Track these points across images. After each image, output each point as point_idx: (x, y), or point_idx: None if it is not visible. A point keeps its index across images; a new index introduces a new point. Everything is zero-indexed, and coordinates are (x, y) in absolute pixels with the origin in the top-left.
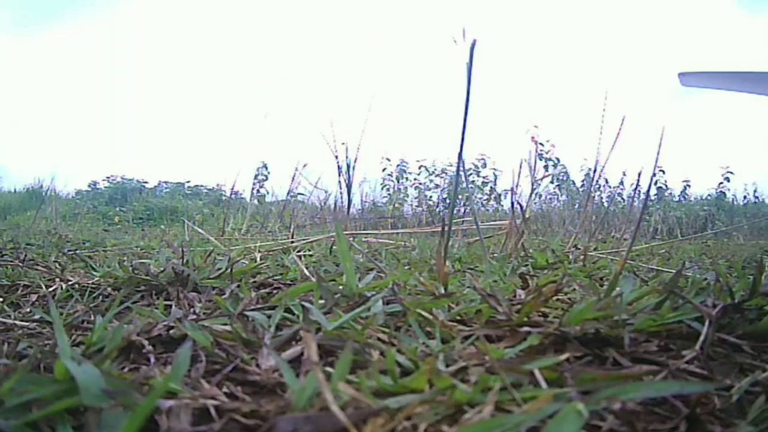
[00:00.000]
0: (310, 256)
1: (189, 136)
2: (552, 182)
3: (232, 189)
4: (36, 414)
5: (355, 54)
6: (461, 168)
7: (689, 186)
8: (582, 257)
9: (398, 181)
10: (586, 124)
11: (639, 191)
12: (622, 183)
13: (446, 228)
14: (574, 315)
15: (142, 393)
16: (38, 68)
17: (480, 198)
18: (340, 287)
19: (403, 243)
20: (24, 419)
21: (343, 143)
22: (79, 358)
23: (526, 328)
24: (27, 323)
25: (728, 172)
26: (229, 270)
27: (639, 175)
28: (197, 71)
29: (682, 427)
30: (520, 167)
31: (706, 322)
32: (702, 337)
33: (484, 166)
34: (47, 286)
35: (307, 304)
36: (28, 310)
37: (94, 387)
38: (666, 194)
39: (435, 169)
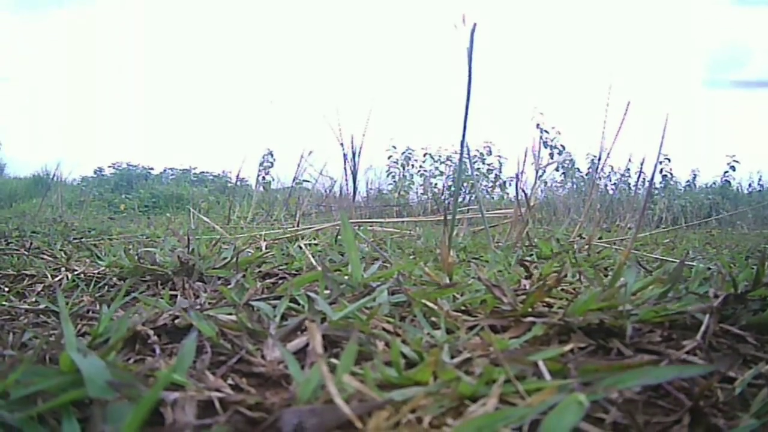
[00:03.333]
0: (316, 245)
1: (195, 121)
2: (557, 170)
3: (238, 176)
4: (41, 406)
5: (360, 40)
6: (466, 153)
7: (696, 174)
8: (586, 247)
9: (404, 169)
10: (593, 110)
11: (644, 179)
12: (627, 170)
13: (450, 218)
14: (579, 305)
15: (147, 385)
16: (42, 53)
17: (485, 186)
18: (346, 277)
19: (408, 232)
20: (29, 412)
21: (348, 131)
22: (84, 349)
23: (530, 319)
24: (33, 313)
25: (734, 160)
26: (234, 259)
27: (642, 163)
28: (204, 57)
29: (685, 420)
30: (525, 155)
31: (708, 313)
32: (703, 327)
33: (489, 153)
34: (53, 276)
35: (312, 294)
36: (33, 299)
37: (100, 379)
38: (671, 182)
39: (440, 157)
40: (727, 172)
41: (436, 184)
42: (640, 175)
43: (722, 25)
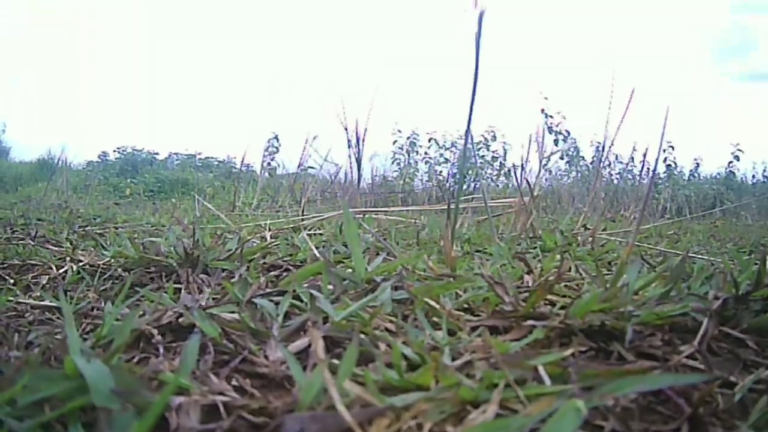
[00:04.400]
0: (320, 234)
1: (200, 105)
2: (562, 158)
3: (243, 161)
4: (48, 415)
5: (366, 22)
6: (470, 139)
7: (699, 164)
8: (590, 239)
9: (408, 155)
10: (597, 94)
11: (648, 168)
12: (632, 159)
13: (454, 209)
14: (580, 306)
15: (151, 389)
16: (47, 37)
17: (489, 174)
18: (349, 271)
19: (413, 221)
20: (37, 420)
21: (353, 115)
22: (89, 352)
23: (531, 321)
24: (38, 309)
25: (738, 149)
26: (239, 251)
27: (645, 153)
28: (209, 40)
29: (684, 429)
30: (530, 142)
31: (707, 316)
32: (701, 332)
33: (494, 138)
34: (58, 267)
35: (315, 292)
36: (38, 294)
37: (104, 386)
38: (675, 172)
39: (445, 143)
40: (731, 162)
41: (441, 171)
42: (644, 164)
43: (729, 10)
